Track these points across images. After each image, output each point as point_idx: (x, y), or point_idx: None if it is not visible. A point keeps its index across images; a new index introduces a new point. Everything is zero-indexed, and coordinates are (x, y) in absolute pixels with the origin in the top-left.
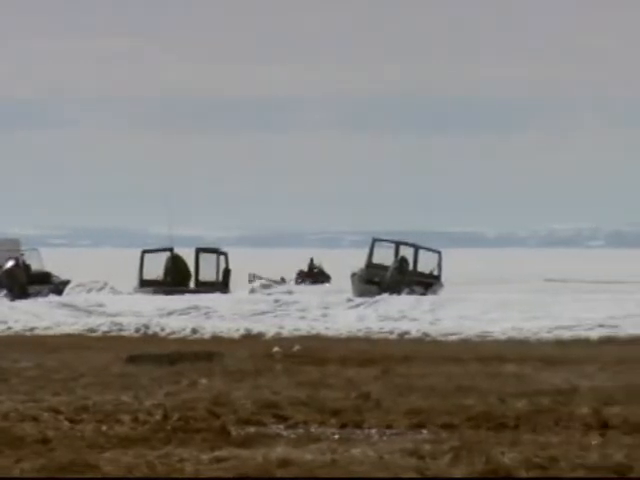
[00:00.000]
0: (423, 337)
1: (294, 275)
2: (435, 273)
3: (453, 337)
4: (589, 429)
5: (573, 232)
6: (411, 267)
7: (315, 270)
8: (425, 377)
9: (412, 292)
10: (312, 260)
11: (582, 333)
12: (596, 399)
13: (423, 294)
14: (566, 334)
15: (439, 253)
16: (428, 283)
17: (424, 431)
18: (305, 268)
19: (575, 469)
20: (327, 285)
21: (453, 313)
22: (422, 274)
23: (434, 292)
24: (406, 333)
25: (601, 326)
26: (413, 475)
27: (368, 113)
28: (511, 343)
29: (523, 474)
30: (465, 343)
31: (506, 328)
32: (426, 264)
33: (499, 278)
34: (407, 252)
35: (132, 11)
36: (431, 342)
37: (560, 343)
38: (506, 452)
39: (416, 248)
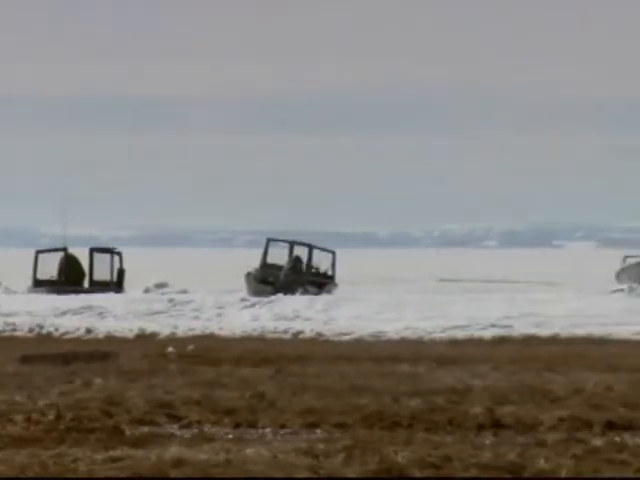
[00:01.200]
0: (317, 337)
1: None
2: (329, 273)
3: (347, 337)
4: (482, 428)
5: (466, 232)
6: (305, 267)
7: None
8: (319, 377)
9: (306, 292)
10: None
11: (476, 333)
12: (489, 398)
13: (317, 294)
14: (460, 334)
15: (333, 253)
16: (322, 283)
17: (318, 430)
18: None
19: (468, 468)
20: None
21: (347, 313)
22: (316, 274)
23: (328, 292)
24: (300, 333)
25: (494, 326)
26: (307, 474)
27: (269, 114)
28: (405, 343)
29: (416, 473)
30: (359, 343)
31: (400, 328)
32: (320, 264)
33: (393, 278)
34: (301, 252)
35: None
36: (325, 342)
37: (454, 343)
38: (399, 451)
39: (310, 248)
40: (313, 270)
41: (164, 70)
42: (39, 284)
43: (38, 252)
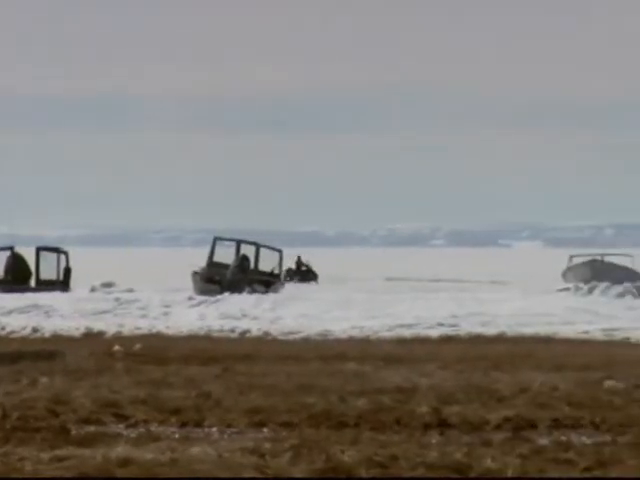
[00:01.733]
0: (264, 336)
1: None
2: (276, 272)
3: (294, 336)
4: (429, 428)
5: (414, 231)
6: (252, 266)
7: (303, 268)
8: (266, 376)
9: (253, 291)
10: (299, 258)
11: (422, 332)
12: (436, 398)
13: (264, 293)
14: (407, 333)
15: (280, 252)
16: (269, 282)
17: (265, 429)
18: (293, 266)
19: (415, 467)
20: (314, 283)
21: (294, 312)
22: (263, 273)
23: (275, 291)
24: (247, 332)
25: (441, 325)
26: (253, 473)
27: (222, 112)
28: (352, 342)
29: (363, 472)
30: (306, 342)
31: (347, 327)
32: (267, 263)
33: (340, 277)
34: (248, 251)
35: None
36: (272, 341)
37: (401, 342)
38: (346, 450)
39: (257, 247)
40: (260, 269)
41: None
42: None
43: None
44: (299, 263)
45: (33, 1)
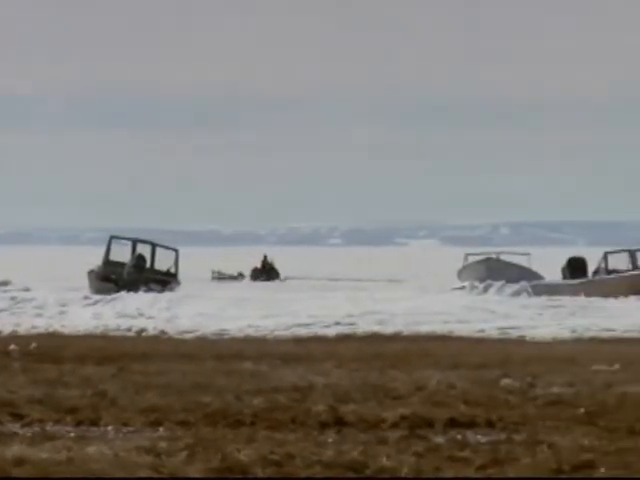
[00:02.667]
0: (160, 335)
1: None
2: (172, 271)
3: (190, 335)
4: (325, 426)
5: (311, 230)
6: (148, 265)
7: (268, 267)
8: (162, 375)
9: (149, 290)
10: (265, 257)
11: (319, 330)
12: (332, 396)
13: (160, 292)
14: (303, 331)
15: (176, 251)
16: (165, 281)
17: (160, 428)
18: (259, 265)
19: (311, 466)
20: (277, 281)
21: (190, 311)
22: (159, 272)
23: (171, 290)
24: (143, 331)
25: (338, 324)
26: (149, 473)
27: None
28: (248, 341)
29: (259, 471)
30: (202, 341)
31: (243, 326)
32: (163, 262)
33: (237, 276)
34: (144, 250)
35: None
36: (168, 340)
37: (297, 341)
38: (242, 449)
39: (153, 246)
40: (156, 268)
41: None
42: None
43: None
44: (264, 262)
45: None
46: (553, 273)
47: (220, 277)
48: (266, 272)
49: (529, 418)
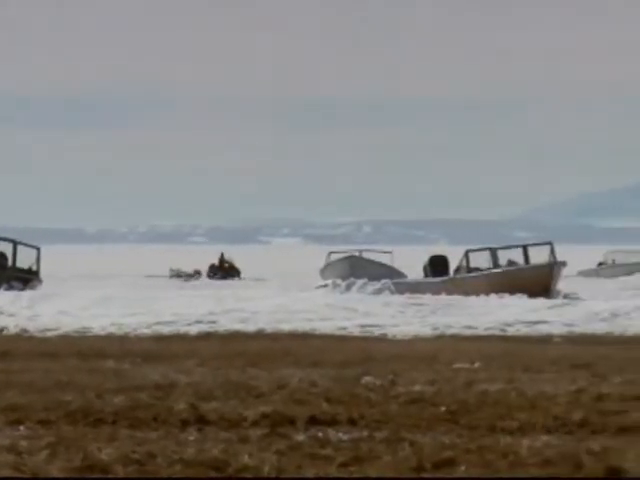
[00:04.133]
0: (22, 333)
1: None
2: (34, 269)
3: (52, 333)
4: (187, 424)
5: (173, 228)
6: (10, 263)
7: (226, 264)
8: (23, 373)
9: (11, 288)
10: (222, 255)
11: (181, 329)
12: (194, 394)
13: (22, 290)
14: (165, 330)
15: (38, 249)
16: (27, 279)
17: (21, 427)
18: (216, 262)
19: (172, 464)
20: (237, 279)
21: (52, 309)
22: (21, 270)
23: (33, 288)
24: (4, 329)
25: (200, 322)
26: (10, 472)
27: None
28: (111, 339)
29: (120, 470)
30: (64, 339)
31: (106, 324)
32: (25, 260)
33: (99, 274)
34: (5, 248)
35: None
36: (30, 338)
37: (159, 339)
38: (103, 448)
39: (15, 244)
40: (17, 266)
41: None
42: None
43: None
44: (222, 260)
45: None
46: (415, 271)
47: (178, 275)
48: (224, 270)
49: (390, 416)
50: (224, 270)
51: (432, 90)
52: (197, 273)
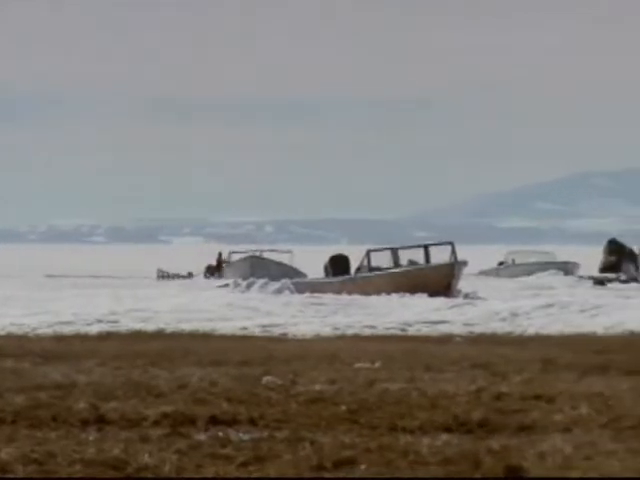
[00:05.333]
0: None
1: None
2: None
3: None
4: (87, 424)
5: (73, 228)
6: None
7: (224, 265)
8: None
9: None
10: (220, 255)
11: (82, 328)
12: (94, 394)
13: None
14: (66, 329)
15: None
16: None
17: None
18: (214, 263)
19: (72, 464)
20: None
21: None
22: None
23: None
24: None
25: (100, 321)
26: None
27: None
28: (10, 339)
29: (19, 470)
30: None
31: (5, 324)
32: None
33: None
34: None
35: None
36: None
37: (60, 338)
38: (3, 448)
39: None
40: None
41: None
42: None
43: None
44: (219, 260)
45: None
46: (316, 271)
47: (167, 276)
48: (220, 270)
49: (291, 415)
50: (221, 271)
51: (336, 89)
52: (190, 275)
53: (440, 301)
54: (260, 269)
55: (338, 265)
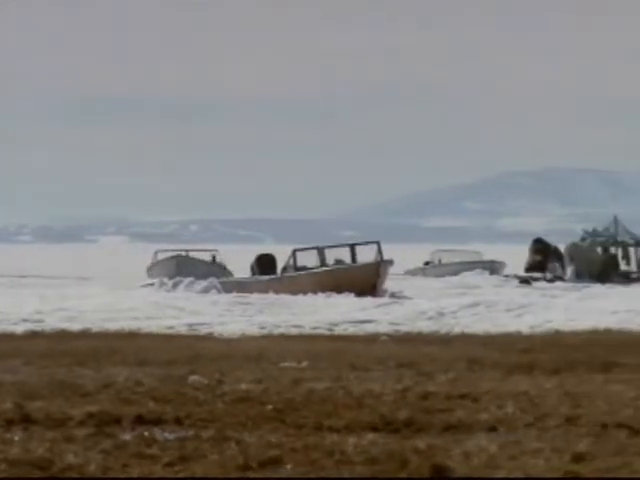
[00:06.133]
0: None
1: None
2: None
3: None
4: (12, 424)
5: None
6: None
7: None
8: None
9: None
10: (214, 257)
11: (7, 327)
12: (19, 394)
13: None
14: None
15: None
16: None
17: None
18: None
19: None
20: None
21: None
22: None
23: None
24: None
25: (26, 320)
26: None
27: None
28: None
29: None
30: None
31: None
32: None
33: None
34: None
35: None
36: None
37: None
38: None
39: None
40: None
41: None
42: None
43: None
44: (213, 262)
45: None
46: (242, 270)
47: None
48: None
49: (217, 415)
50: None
51: (258, 89)
52: None
53: (366, 300)
54: (186, 268)
55: (265, 264)
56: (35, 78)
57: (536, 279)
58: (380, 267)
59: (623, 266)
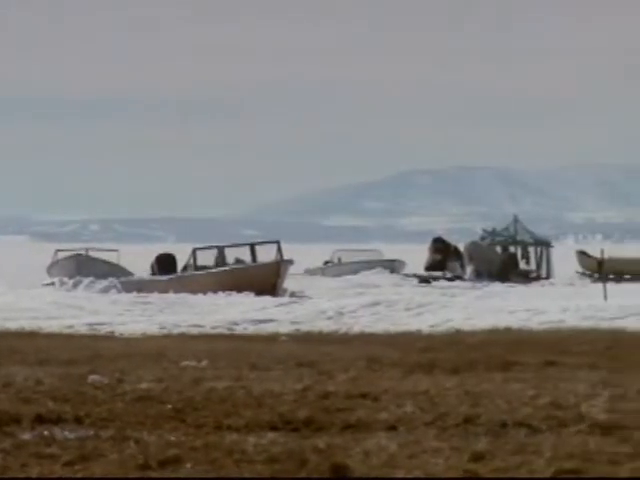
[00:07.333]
0: None
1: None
2: None
3: None
4: None
5: None
6: None
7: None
8: None
9: None
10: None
11: None
12: None
13: None
14: None
15: None
16: None
17: None
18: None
19: None
20: None
21: None
22: None
23: None
24: None
25: None
26: None
27: None
28: None
29: None
30: None
31: None
32: None
33: None
34: None
35: None
36: None
37: None
38: None
39: None
40: None
41: None
42: None
43: None
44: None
45: None
46: (142, 269)
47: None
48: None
49: (117, 414)
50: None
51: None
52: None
53: (266, 300)
54: (86, 268)
55: (164, 264)
56: None
57: (436, 278)
58: (280, 267)
59: (522, 265)
